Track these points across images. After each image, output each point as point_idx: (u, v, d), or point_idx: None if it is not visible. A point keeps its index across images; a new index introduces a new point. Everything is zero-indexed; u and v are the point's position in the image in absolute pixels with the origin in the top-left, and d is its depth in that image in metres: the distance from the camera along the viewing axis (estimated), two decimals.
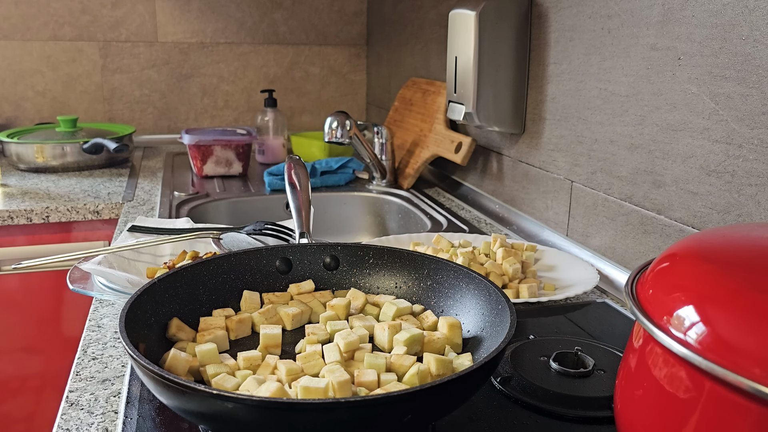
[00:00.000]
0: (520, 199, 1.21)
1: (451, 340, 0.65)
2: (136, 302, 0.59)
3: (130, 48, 1.99)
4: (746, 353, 0.35)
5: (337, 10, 2.12)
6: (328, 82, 2.18)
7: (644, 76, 0.85)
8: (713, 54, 0.74)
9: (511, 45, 1.13)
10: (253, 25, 2.07)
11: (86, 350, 0.73)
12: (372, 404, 0.46)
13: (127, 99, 2.02)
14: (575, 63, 1.00)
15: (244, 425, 0.48)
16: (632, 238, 0.90)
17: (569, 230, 1.06)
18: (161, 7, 1.98)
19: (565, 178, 1.06)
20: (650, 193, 0.86)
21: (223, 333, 0.66)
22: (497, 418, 0.59)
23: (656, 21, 0.83)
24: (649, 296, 0.42)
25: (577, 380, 0.64)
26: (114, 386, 0.66)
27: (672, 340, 0.38)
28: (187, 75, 2.05)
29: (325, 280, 0.76)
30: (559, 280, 0.91)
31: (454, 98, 1.22)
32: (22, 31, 1.88)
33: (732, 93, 0.72)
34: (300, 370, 0.58)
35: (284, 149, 1.79)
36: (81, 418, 0.60)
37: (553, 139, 1.08)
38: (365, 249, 0.76)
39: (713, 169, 0.76)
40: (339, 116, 1.37)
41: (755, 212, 0.71)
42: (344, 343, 0.61)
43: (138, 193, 1.46)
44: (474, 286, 0.68)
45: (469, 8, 1.12)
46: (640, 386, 0.43)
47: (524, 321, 0.80)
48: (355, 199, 1.50)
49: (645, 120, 0.86)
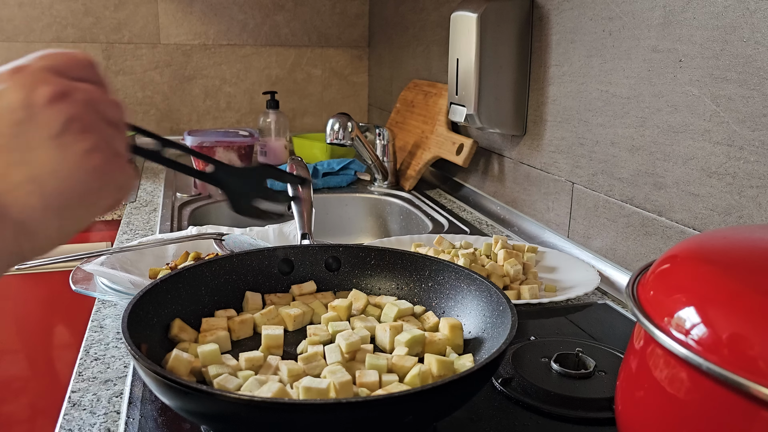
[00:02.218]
0: (521, 201, 1.21)
1: (453, 341, 0.65)
2: (139, 303, 0.60)
3: (133, 50, 1.99)
4: (747, 355, 0.35)
5: (339, 12, 2.13)
6: (330, 83, 2.19)
7: (645, 78, 0.86)
8: (714, 56, 0.74)
9: (512, 47, 1.13)
10: (255, 27, 2.07)
11: (88, 351, 0.73)
12: (373, 405, 0.46)
13: (130, 100, 2.03)
14: (576, 65, 1.01)
15: (245, 426, 0.48)
16: (633, 239, 0.90)
17: (570, 232, 1.06)
18: (164, 9, 1.98)
19: (566, 180, 1.06)
20: (651, 194, 0.86)
21: (225, 334, 0.66)
22: (498, 419, 0.59)
23: (657, 23, 0.83)
24: (650, 298, 0.42)
25: (578, 381, 0.64)
26: (116, 387, 0.66)
27: (673, 341, 0.38)
28: (189, 77, 2.06)
29: (326, 281, 0.76)
30: (560, 282, 0.91)
31: (455, 100, 1.22)
32: (25, 33, 1.89)
33: (733, 95, 0.72)
34: (302, 371, 0.59)
35: (286, 151, 1.79)
36: (83, 418, 0.60)
37: (555, 141, 1.08)
38: (367, 250, 0.76)
39: (714, 170, 0.76)
40: (341, 118, 1.37)
41: (756, 214, 0.71)
42: (346, 344, 0.62)
43: (140, 194, 1.46)
44: (475, 288, 0.68)
45: (470, 10, 1.12)
46: (641, 387, 0.43)
47: (525, 322, 0.80)
48: (357, 200, 1.50)
49: (646, 122, 0.86)
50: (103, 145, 0.38)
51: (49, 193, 0.36)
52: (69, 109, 0.36)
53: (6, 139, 0.35)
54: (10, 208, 0.35)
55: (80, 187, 0.37)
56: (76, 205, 0.38)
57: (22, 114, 0.35)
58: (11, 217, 0.35)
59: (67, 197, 0.37)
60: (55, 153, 0.36)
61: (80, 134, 0.36)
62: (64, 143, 0.36)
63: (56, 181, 0.36)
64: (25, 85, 0.36)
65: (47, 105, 0.36)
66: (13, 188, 0.35)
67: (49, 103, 0.36)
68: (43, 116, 0.35)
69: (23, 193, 0.36)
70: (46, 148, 0.35)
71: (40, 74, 0.36)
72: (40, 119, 0.35)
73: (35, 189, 0.36)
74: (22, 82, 0.36)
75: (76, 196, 0.37)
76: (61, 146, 0.36)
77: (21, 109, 0.35)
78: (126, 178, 0.40)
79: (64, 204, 0.37)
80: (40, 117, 0.35)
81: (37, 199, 0.36)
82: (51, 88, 0.36)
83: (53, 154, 0.36)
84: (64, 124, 0.36)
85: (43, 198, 0.36)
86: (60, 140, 0.36)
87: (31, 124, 0.35)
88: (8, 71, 0.36)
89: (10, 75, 0.36)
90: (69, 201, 0.37)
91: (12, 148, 0.35)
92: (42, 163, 0.35)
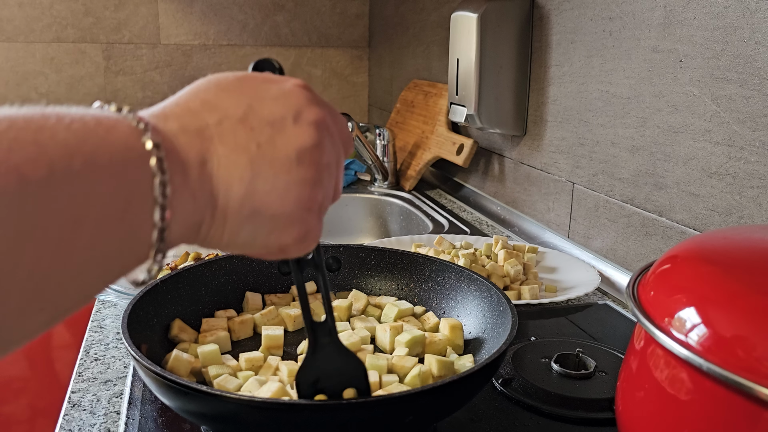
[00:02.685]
0: (521, 201, 1.21)
1: (453, 341, 0.65)
2: (139, 303, 0.60)
3: (133, 50, 1.99)
4: (748, 355, 0.35)
5: (339, 12, 2.13)
6: (330, 84, 2.19)
7: (646, 78, 0.86)
8: (715, 56, 0.74)
9: (512, 47, 1.13)
10: (255, 27, 2.07)
11: (88, 351, 0.73)
12: (373, 405, 0.46)
13: (130, 101, 2.02)
14: (577, 65, 1.01)
15: (245, 426, 0.48)
16: (633, 240, 0.90)
17: (571, 232, 1.06)
18: (164, 9, 1.99)
19: (566, 180, 1.06)
20: (652, 195, 0.86)
21: (225, 334, 0.66)
22: (498, 420, 0.59)
23: (658, 23, 0.83)
24: (651, 298, 0.42)
25: (578, 382, 0.64)
26: (116, 387, 0.66)
27: (673, 341, 0.38)
28: (189, 77, 2.06)
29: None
30: (560, 282, 0.91)
31: (455, 100, 1.22)
32: (25, 33, 1.89)
33: (733, 95, 0.72)
34: None
35: None
36: (83, 418, 0.60)
37: (555, 141, 1.08)
38: (367, 250, 0.76)
39: (715, 171, 0.76)
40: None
41: (756, 214, 0.71)
42: (346, 344, 0.61)
43: None
44: (475, 288, 0.68)
45: (471, 10, 1.12)
46: (641, 388, 0.43)
47: (525, 323, 0.80)
48: (357, 200, 1.50)
49: (646, 122, 0.86)
50: (322, 187, 0.38)
51: (255, 194, 0.35)
52: (321, 138, 0.37)
53: (260, 128, 0.36)
54: (216, 179, 0.35)
55: (286, 206, 0.36)
56: (265, 225, 0.36)
57: (291, 116, 0.37)
58: (212, 185, 0.35)
59: (263, 211, 0.36)
60: (290, 165, 0.36)
61: (315, 164, 0.37)
62: (303, 161, 0.36)
63: (264, 194, 0.36)
64: (308, 99, 0.38)
65: (311, 124, 0.37)
66: (232, 166, 0.35)
67: (314, 124, 0.37)
68: (304, 129, 0.37)
69: (237, 177, 0.35)
70: (287, 156, 0.36)
71: (321, 102, 0.39)
72: (301, 130, 0.37)
73: (247, 180, 0.35)
74: (308, 96, 0.38)
75: (269, 215, 0.36)
76: (300, 162, 0.36)
77: (293, 111, 0.37)
78: (317, 233, 0.39)
79: (257, 214, 0.36)
80: (302, 128, 0.37)
81: (243, 190, 0.35)
82: (320, 114, 0.38)
83: (288, 165, 0.36)
84: (312, 147, 0.37)
85: (247, 195, 0.35)
86: (301, 157, 0.36)
87: (293, 129, 0.37)
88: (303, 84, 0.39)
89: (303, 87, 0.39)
90: (261, 216, 0.36)
91: (260, 140, 0.36)
92: (269, 165, 0.36)
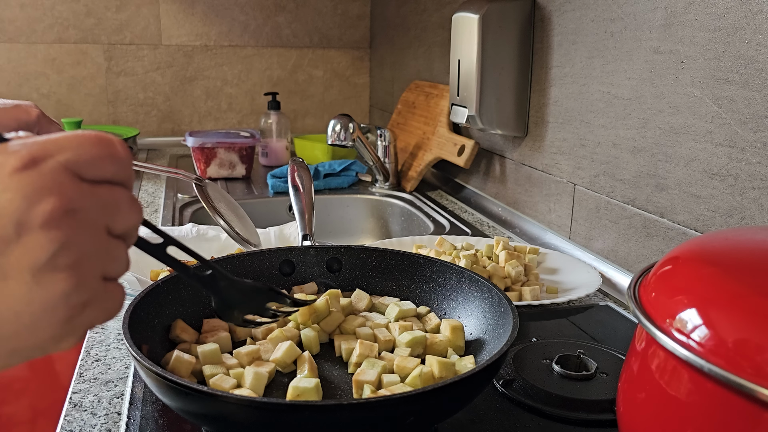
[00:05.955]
0: (522, 202, 1.21)
1: (454, 342, 0.65)
2: (140, 304, 0.60)
3: (135, 51, 1.99)
4: (749, 356, 0.35)
5: (340, 14, 2.13)
6: (331, 85, 2.19)
7: (647, 79, 0.85)
8: (716, 57, 0.74)
9: (514, 48, 1.13)
10: (256, 28, 2.07)
11: (89, 352, 0.73)
12: (374, 406, 0.46)
13: (131, 101, 2.03)
14: (578, 66, 1.00)
15: (246, 427, 0.48)
16: (635, 241, 0.90)
17: (572, 233, 1.06)
18: (165, 10, 1.99)
19: (567, 181, 1.06)
20: (653, 196, 0.86)
21: (226, 335, 0.66)
22: (499, 421, 0.59)
23: (659, 24, 0.83)
24: (652, 299, 0.42)
25: (579, 383, 0.64)
26: (117, 388, 0.66)
27: (674, 343, 0.38)
28: (191, 78, 2.06)
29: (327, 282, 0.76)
30: (561, 283, 0.91)
31: (457, 101, 1.22)
32: (27, 34, 1.89)
33: (735, 96, 0.72)
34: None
35: (287, 152, 1.79)
36: (84, 419, 0.60)
37: (556, 142, 1.08)
38: (368, 251, 0.76)
39: (716, 172, 0.76)
40: (342, 119, 1.37)
41: (758, 215, 0.71)
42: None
43: (142, 195, 1.46)
44: (476, 289, 0.68)
45: (472, 11, 1.12)
46: (642, 389, 0.43)
47: (527, 324, 0.80)
48: (358, 201, 1.50)
49: (648, 123, 0.86)
50: (87, 283, 0.33)
51: (4, 336, 0.31)
52: (64, 236, 0.31)
53: None
54: None
55: (41, 334, 0.32)
56: (30, 349, 0.32)
57: (11, 231, 0.30)
58: None
59: (23, 342, 0.32)
60: (28, 289, 0.31)
61: (65, 271, 0.31)
62: (43, 280, 0.31)
63: (15, 325, 0.31)
64: (29, 194, 0.30)
65: (42, 228, 0.30)
66: None
67: (46, 226, 0.30)
68: (33, 241, 0.30)
69: None
70: (21, 282, 0.31)
71: (52, 177, 0.31)
72: (29, 244, 0.30)
73: None
74: (29, 188, 0.30)
75: (32, 342, 0.32)
76: (39, 283, 0.31)
77: (11, 224, 0.30)
78: (111, 305, 0.35)
79: (16, 348, 0.32)
80: (30, 241, 0.30)
81: None
82: (55, 204, 0.31)
83: (25, 291, 0.31)
84: (52, 256, 0.31)
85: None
86: (40, 276, 0.31)
87: (17, 247, 0.30)
88: (22, 162, 0.31)
89: (21, 169, 0.31)
90: (23, 345, 0.32)
91: None
92: (9, 297, 0.31)
